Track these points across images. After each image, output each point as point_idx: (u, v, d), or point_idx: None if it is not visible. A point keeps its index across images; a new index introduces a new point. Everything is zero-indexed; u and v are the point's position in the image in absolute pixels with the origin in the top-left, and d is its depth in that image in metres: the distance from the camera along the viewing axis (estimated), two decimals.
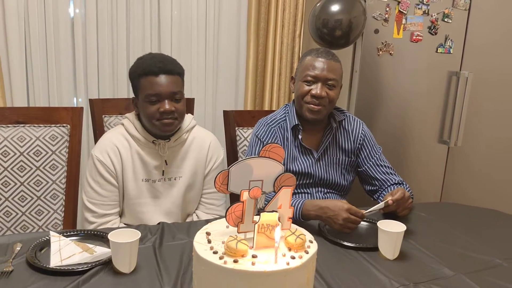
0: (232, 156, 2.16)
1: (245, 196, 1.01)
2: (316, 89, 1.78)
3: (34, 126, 1.91)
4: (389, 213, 1.70)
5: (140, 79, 1.68)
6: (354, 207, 1.56)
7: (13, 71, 2.40)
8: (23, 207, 1.90)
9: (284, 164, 1.10)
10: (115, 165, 1.72)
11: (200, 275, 0.97)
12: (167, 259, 1.34)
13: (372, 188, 1.93)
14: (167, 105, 1.65)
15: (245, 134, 2.18)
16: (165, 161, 1.77)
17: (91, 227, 1.71)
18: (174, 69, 1.69)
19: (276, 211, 1.00)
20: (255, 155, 1.46)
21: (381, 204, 1.60)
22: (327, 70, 1.78)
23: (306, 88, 1.80)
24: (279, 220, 1.00)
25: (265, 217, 0.98)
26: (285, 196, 1.04)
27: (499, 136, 2.79)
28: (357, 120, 1.97)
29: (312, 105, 1.80)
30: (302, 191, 1.91)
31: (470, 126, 2.69)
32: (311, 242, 1.03)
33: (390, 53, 2.45)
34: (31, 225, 1.92)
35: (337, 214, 1.55)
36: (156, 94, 1.65)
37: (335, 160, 1.92)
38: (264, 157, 1.05)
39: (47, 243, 1.38)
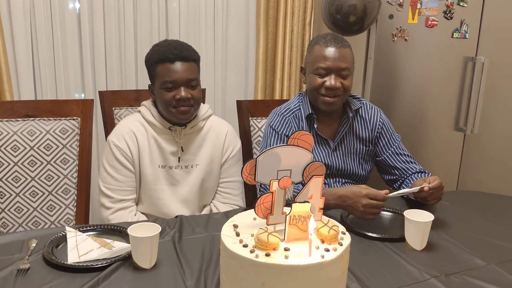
0: (246, 147, 2.11)
1: (274, 186, 0.96)
2: (330, 80, 1.71)
3: (44, 120, 1.87)
4: (413, 201, 1.66)
5: (156, 66, 1.67)
6: (374, 190, 1.50)
7: (20, 65, 2.36)
8: (34, 202, 1.86)
9: None
10: (132, 150, 1.71)
11: (229, 270, 0.93)
12: (188, 254, 1.30)
13: (392, 177, 1.88)
14: (183, 92, 1.65)
15: (259, 125, 2.13)
16: (181, 147, 1.74)
17: (108, 212, 1.69)
18: (190, 55, 1.69)
19: (308, 202, 0.95)
20: (270, 146, 1.42)
21: (415, 189, 1.55)
22: (338, 59, 1.71)
23: (319, 80, 1.73)
24: (310, 211, 0.95)
25: (297, 208, 0.93)
26: (316, 185, 0.99)
27: None
28: (374, 107, 1.91)
29: (328, 97, 1.74)
30: None
31: (487, 113, 2.63)
32: (343, 233, 0.98)
33: (405, 39, 2.39)
34: (42, 221, 1.89)
35: (356, 202, 1.50)
36: (172, 81, 1.65)
37: (352, 149, 1.86)
38: (293, 145, 1.00)
39: (63, 239, 1.34)
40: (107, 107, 2.06)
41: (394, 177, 1.87)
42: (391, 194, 1.52)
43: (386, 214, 1.62)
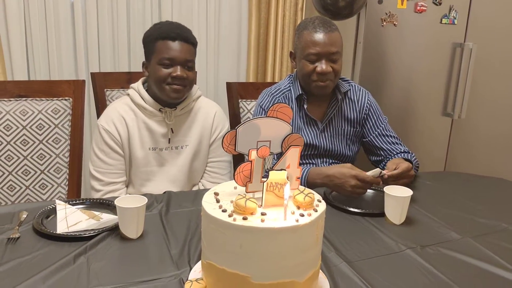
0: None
1: (253, 155, 0.99)
2: (321, 65, 1.74)
3: (36, 100, 1.90)
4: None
5: (156, 42, 1.70)
6: (362, 173, 1.55)
7: (13, 46, 2.38)
8: (26, 181, 1.90)
9: None
10: (121, 134, 1.74)
11: (209, 234, 0.97)
12: (174, 226, 1.34)
13: (378, 158, 1.92)
14: (179, 71, 1.69)
15: (248, 107, 2.16)
16: (171, 129, 1.77)
17: (98, 195, 1.73)
18: (190, 38, 1.74)
19: (285, 170, 0.99)
20: None
21: (377, 172, 1.57)
22: (329, 44, 1.73)
23: (311, 66, 1.76)
24: (287, 179, 0.99)
25: (274, 175, 0.97)
26: (293, 155, 1.03)
27: (503, 108, 2.78)
28: (362, 89, 1.95)
29: (320, 82, 1.77)
30: (307, 161, 1.90)
31: (474, 98, 2.67)
32: (319, 201, 1.02)
33: (394, 24, 2.42)
34: (35, 199, 1.92)
35: (344, 182, 1.55)
36: (170, 58, 1.68)
37: (340, 130, 1.90)
38: (272, 117, 1.04)
39: (53, 211, 1.38)
40: (99, 88, 2.09)
41: (380, 158, 1.91)
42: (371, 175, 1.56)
43: (368, 191, 1.66)
